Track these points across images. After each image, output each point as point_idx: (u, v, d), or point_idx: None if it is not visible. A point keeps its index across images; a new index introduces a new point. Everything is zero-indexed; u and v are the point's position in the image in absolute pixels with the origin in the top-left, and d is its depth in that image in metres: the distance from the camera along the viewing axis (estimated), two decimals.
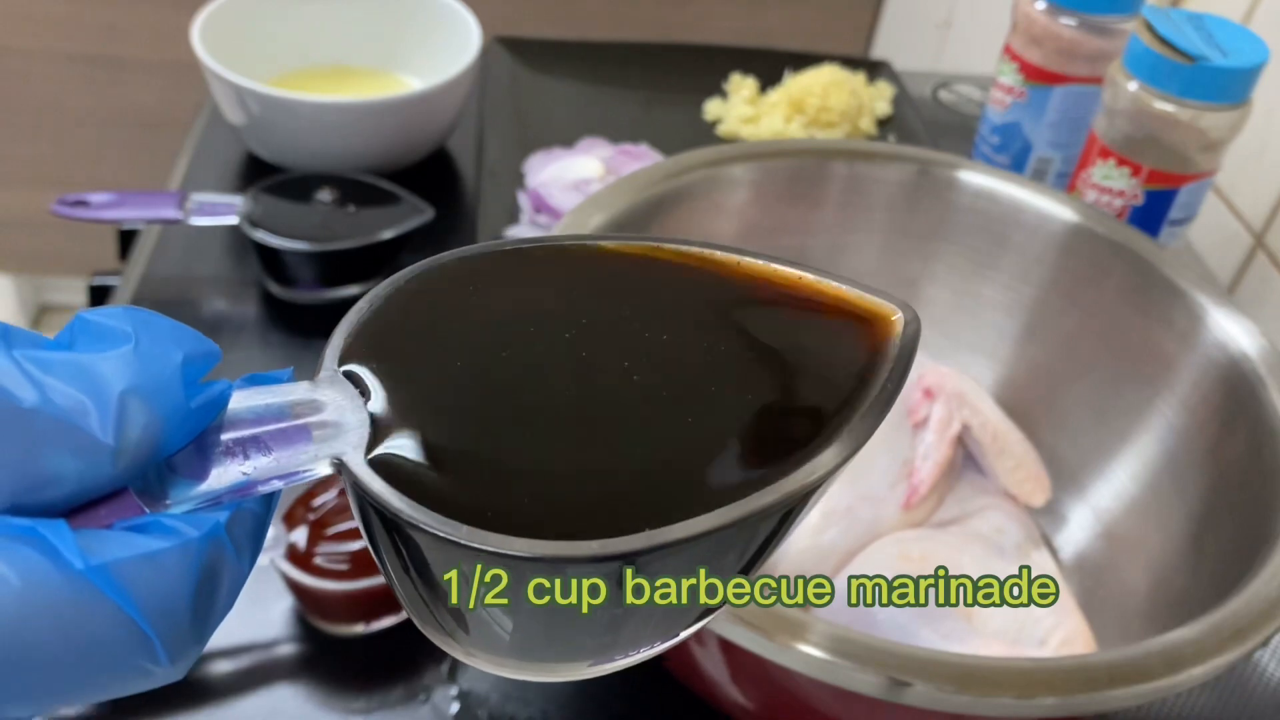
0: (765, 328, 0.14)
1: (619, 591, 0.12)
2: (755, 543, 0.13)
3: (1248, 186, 0.46)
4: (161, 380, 0.11)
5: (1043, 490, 0.33)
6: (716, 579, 0.13)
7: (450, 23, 0.51)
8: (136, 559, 0.10)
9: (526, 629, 0.13)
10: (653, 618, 0.13)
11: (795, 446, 0.13)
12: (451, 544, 0.12)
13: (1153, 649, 0.22)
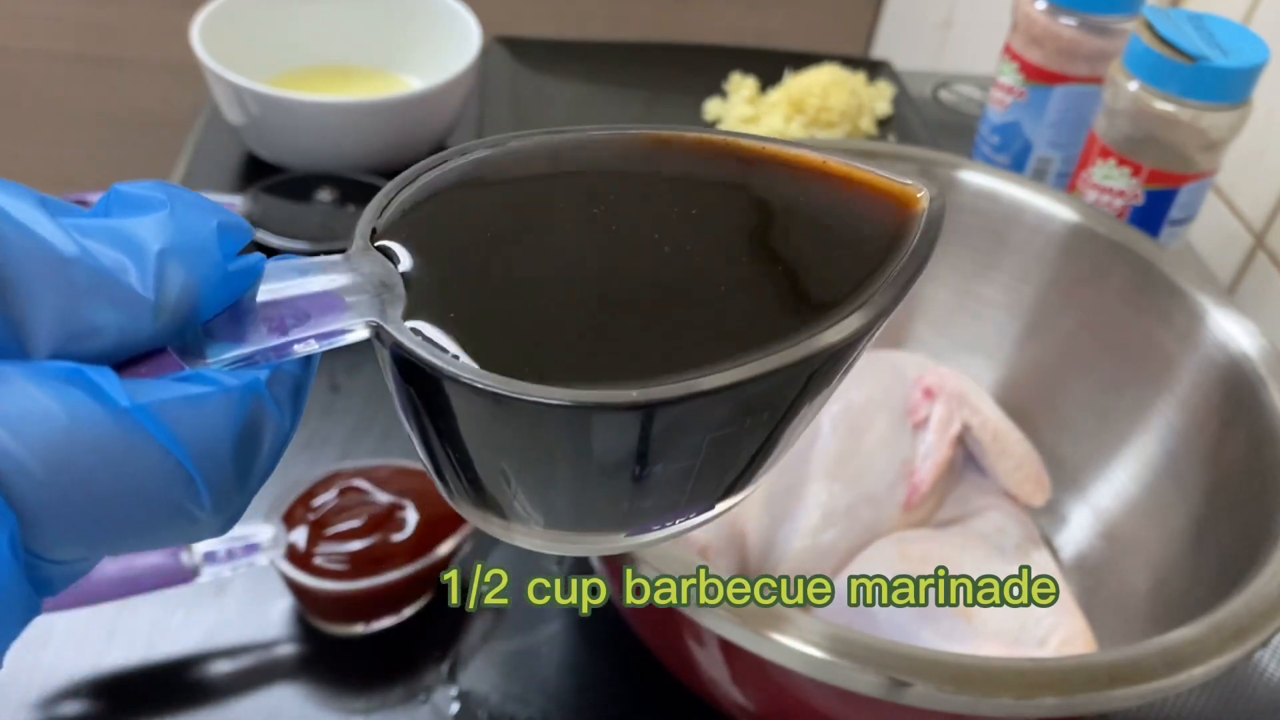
0: (794, 203, 0.15)
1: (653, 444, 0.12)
2: (785, 401, 0.13)
3: (1248, 186, 0.46)
4: (198, 242, 0.11)
5: (1043, 490, 0.33)
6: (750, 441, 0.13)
7: (450, 22, 0.51)
8: (179, 400, 0.10)
9: (564, 490, 0.13)
10: (686, 479, 0.13)
11: (826, 309, 0.13)
12: (491, 396, 0.11)
13: (1153, 649, 0.22)
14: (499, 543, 0.34)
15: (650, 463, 0.12)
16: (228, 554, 0.28)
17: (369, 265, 0.12)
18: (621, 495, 0.13)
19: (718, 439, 0.13)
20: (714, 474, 0.13)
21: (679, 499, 0.13)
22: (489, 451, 0.13)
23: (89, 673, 0.29)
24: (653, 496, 0.13)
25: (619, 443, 0.12)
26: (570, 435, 0.12)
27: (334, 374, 0.39)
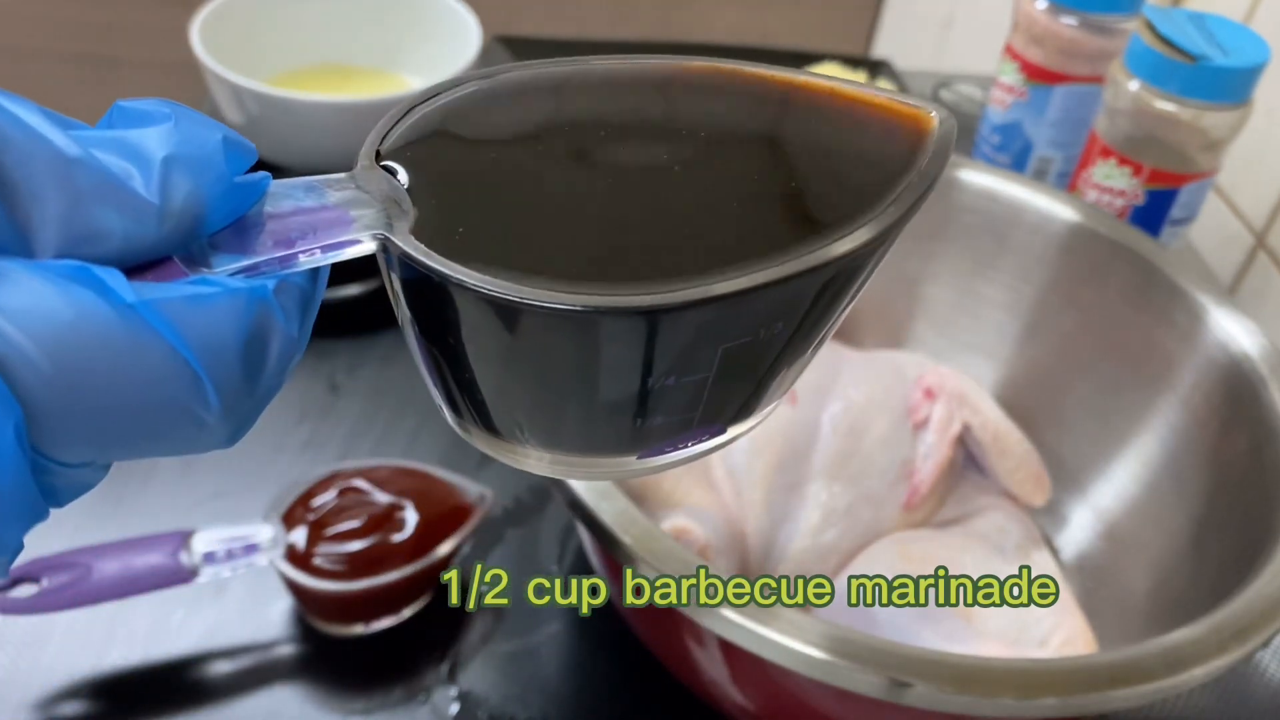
0: (806, 125, 0.14)
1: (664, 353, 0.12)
2: (797, 312, 0.13)
3: (1249, 186, 0.46)
4: (203, 153, 0.11)
5: (1043, 490, 0.33)
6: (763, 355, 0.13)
7: (450, 22, 0.51)
8: (185, 299, 0.10)
9: (574, 406, 0.13)
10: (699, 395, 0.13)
11: (837, 222, 0.13)
12: (499, 302, 0.11)
13: (1154, 649, 0.22)
14: (499, 543, 0.34)
15: (661, 374, 0.12)
16: (227, 554, 0.28)
17: (375, 182, 0.12)
18: (632, 411, 0.13)
19: (730, 350, 0.12)
20: (725, 391, 0.13)
21: (690, 418, 0.13)
22: (497, 366, 0.12)
23: (89, 673, 0.29)
24: (663, 413, 0.13)
25: (629, 351, 0.12)
26: (580, 343, 0.12)
27: (333, 374, 0.39)
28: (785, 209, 0.13)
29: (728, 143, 0.14)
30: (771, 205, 0.13)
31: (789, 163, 0.14)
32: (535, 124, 0.14)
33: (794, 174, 0.14)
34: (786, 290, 0.12)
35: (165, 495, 0.34)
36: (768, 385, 0.14)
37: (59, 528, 0.32)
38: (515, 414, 0.13)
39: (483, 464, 0.36)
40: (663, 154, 0.14)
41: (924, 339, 0.37)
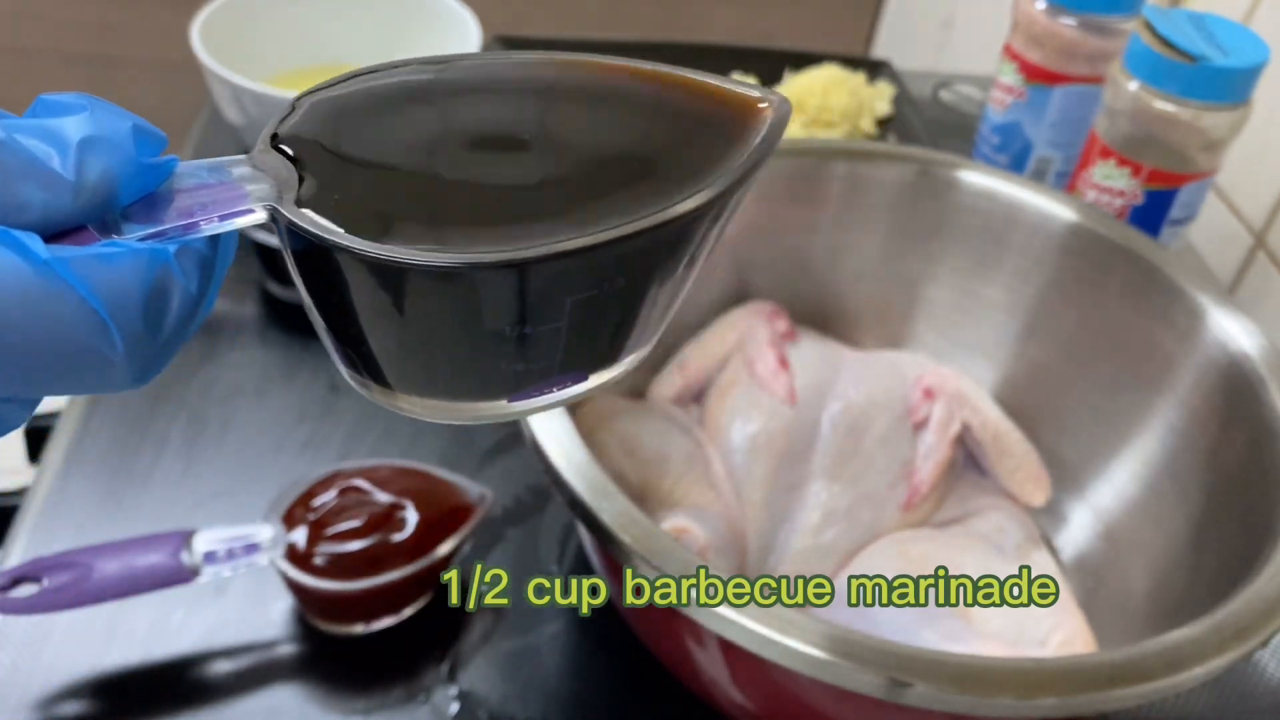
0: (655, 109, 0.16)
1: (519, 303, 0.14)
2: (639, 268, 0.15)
3: (1248, 186, 0.46)
4: (115, 138, 0.13)
5: (1043, 490, 0.33)
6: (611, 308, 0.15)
7: (450, 22, 0.51)
8: (93, 257, 0.12)
9: (442, 353, 0.15)
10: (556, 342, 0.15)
11: (675, 190, 0.14)
12: (368, 260, 0.13)
13: (1153, 649, 0.22)
14: (499, 543, 0.34)
15: (515, 323, 0.14)
16: (228, 554, 0.28)
17: (269, 162, 0.14)
18: (496, 357, 0.14)
19: (580, 302, 0.14)
20: (582, 340, 0.15)
21: (551, 365, 0.15)
22: (371, 320, 0.14)
23: (89, 672, 0.29)
24: (525, 360, 0.15)
25: (487, 301, 0.14)
26: (441, 295, 0.14)
27: (333, 375, 0.39)
28: (632, 180, 0.15)
29: (584, 125, 0.16)
30: (621, 177, 0.15)
31: (636, 141, 0.16)
32: (412, 109, 0.16)
33: (639, 150, 0.16)
34: (627, 246, 0.14)
35: (166, 495, 0.34)
36: (623, 335, 0.15)
37: (60, 527, 0.32)
38: (393, 364, 0.15)
39: (483, 464, 0.36)
40: (525, 134, 0.15)
41: (923, 339, 0.37)
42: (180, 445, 0.35)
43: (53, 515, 0.33)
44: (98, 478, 0.34)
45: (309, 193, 0.14)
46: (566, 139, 0.15)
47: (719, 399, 0.33)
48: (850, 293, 0.37)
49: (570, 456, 0.24)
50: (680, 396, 0.34)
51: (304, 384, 0.38)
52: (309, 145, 0.15)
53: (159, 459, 0.35)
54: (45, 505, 0.33)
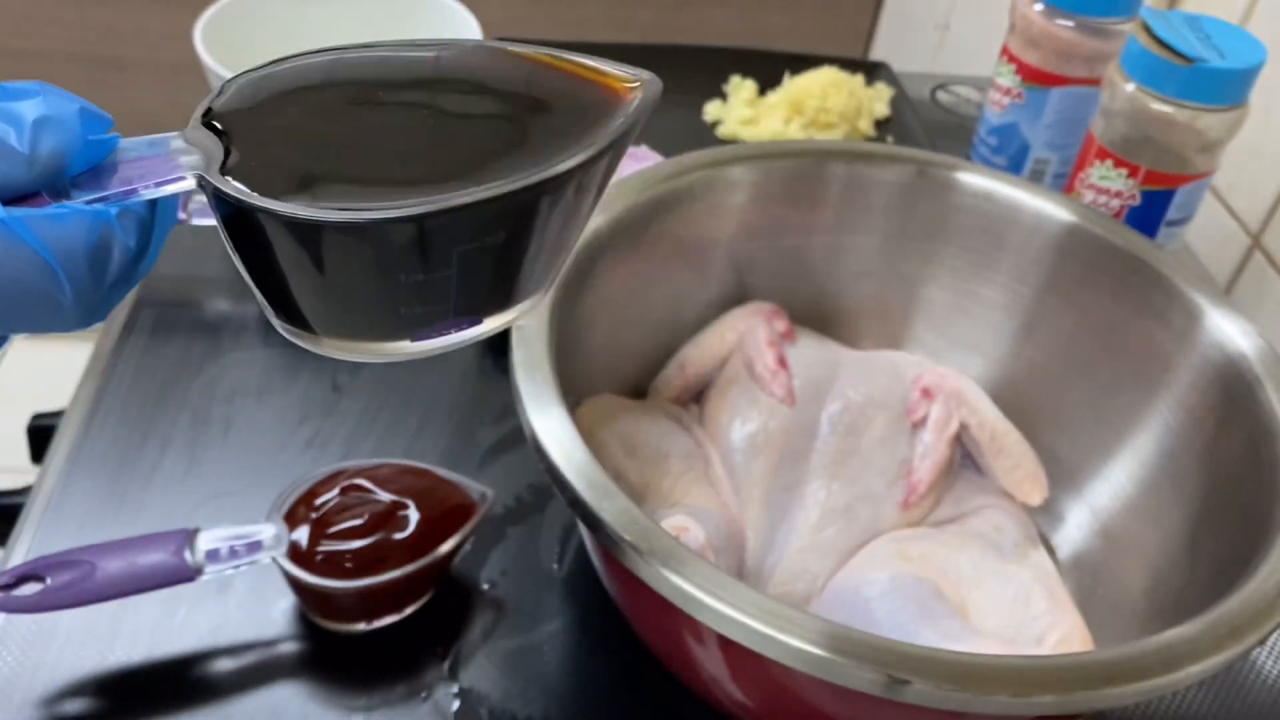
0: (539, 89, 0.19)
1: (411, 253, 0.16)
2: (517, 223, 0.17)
3: (1245, 187, 0.47)
4: (64, 118, 0.15)
5: (1040, 489, 0.33)
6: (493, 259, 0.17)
7: (452, 24, 0.51)
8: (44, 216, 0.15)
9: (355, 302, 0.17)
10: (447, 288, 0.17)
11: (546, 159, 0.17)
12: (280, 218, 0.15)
13: (1150, 647, 0.22)
14: (500, 541, 0.34)
15: (413, 270, 0.16)
16: (230, 552, 0.28)
17: (199, 137, 0.17)
18: (397, 302, 0.17)
19: (465, 253, 0.16)
20: (471, 287, 0.17)
21: (446, 308, 0.17)
22: (289, 271, 0.16)
23: (92, 671, 0.29)
24: (423, 304, 0.17)
25: (384, 252, 0.16)
26: (345, 248, 0.16)
27: (336, 375, 0.39)
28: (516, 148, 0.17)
29: (476, 102, 0.18)
30: (507, 146, 0.17)
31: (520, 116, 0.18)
32: (327, 89, 0.18)
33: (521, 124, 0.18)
34: (504, 203, 0.16)
35: (169, 494, 0.34)
36: (510, 284, 0.18)
37: (63, 526, 0.33)
38: (312, 311, 0.17)
39: (484, 463, 0.36)
40: (421, 111, 0.18)
41: (922, 339, 0.37)
42: (183, 444, 0.36)
43: (56, 514, 0.33)
44: (101, 476, 0.34)
45: (234, 163, 0.16)
46: (460, 114, 0.18)
47: (718, 398, 0.34)
48: (849, 293, 0.37)
49: (571, 456, 0.24)
50: (680, 396, 0.35)
51: (306, 384, 0.39)
52: (235, 121, 0.17)
53: (162, 458, 0.35)
54: (48, 504, 0.33)
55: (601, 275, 0.31)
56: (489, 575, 0.33)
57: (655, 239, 0.33)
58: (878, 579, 0.29)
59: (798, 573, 0.30)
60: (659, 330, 0.35)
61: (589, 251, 0.30)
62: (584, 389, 0.32)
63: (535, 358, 0.26)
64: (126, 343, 0.39)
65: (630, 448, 0.31)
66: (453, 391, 0.39)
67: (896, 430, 0.33)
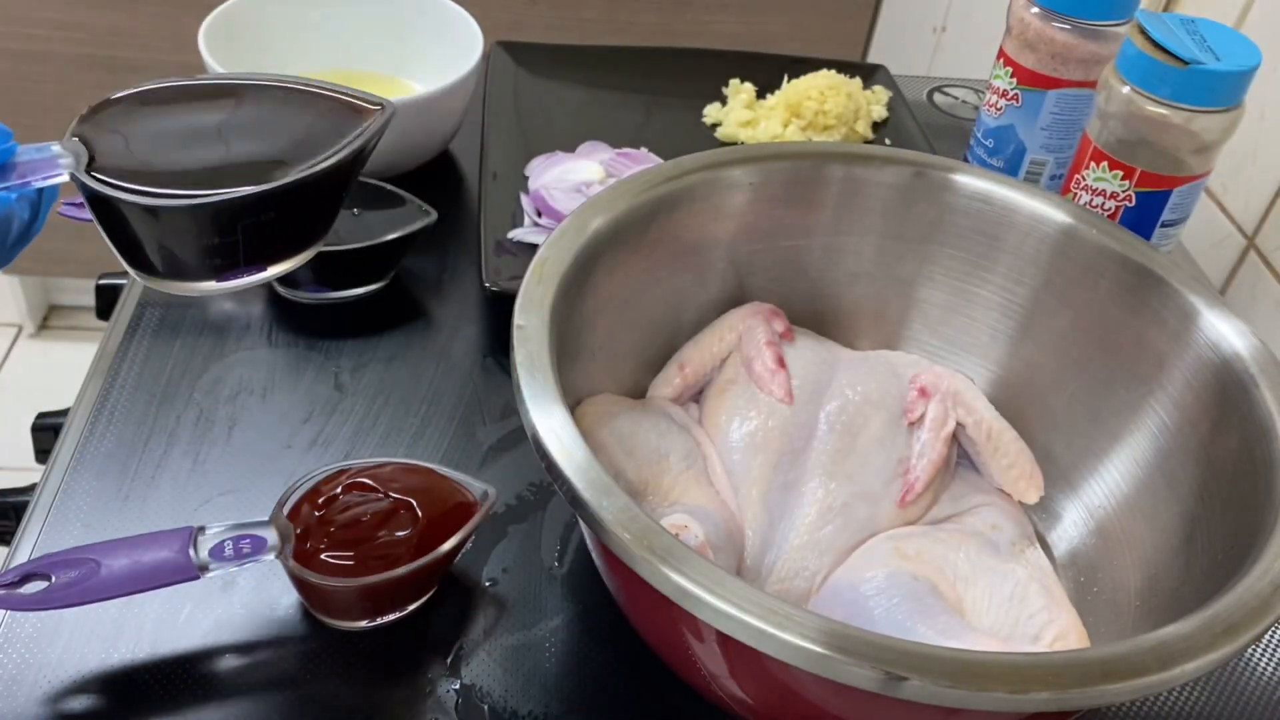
0: (304, 111, 0.28)
1: (212, 225, 0.26)
2: (281, 208, 0.27)
3: (1240, 188, 0.47)
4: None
5: (1036, 488, 0.34)
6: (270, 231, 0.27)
7: (454, 28, 0.52)
8: None
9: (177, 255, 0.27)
10: (236, 248, 0.27)
11: (306, 162, 0.27)
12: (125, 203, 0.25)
13: (1145, 645, 0.22)
14: (501, 539, 0.34)
15: (211, 235, 0.26)
16: (234, 551, 0.28)
17: (72, 144, 0.25)
18: (204, 255, 0.26)
19: (246, 226, 0.26)
20: (255, 246, 0.27)
21: (238, 259, 0.27)
22: (134, 234, 0.26)
23: (97, 668, 0.29)
24: (222, 257, 0.27)
25: (189, 224, 0.26)
26: (164, 221, 0.26)
27: (339, 374, 0.39)
28: (286, 156, 0.26)
29: (259, 120, 0.28)
30: (280, 154, 0.27)
31: (294, 132, 0.27)
32: (157, 111, 0.27)
33: (295, 138, 0.27)
34: (257, 199, 0.26)
35: (173, 492, 0.34)
36: (283, 246, 0.28)
37: (68, 525, 0.33)
38: (151, 260, 0.27)
39: (486, 462, 0.37)
40: (224, 128, 0.28)
41: (919, 339, 0.38)
42: (188, 443, 0.36)
43: (61, 512, 0.33)
44: (106, 475, 0.34)
45: (97, 163, 0.25)
46: (249, 130, 0.28)
47: (717, 398, 0.34)
48: (846, 293, 0.37)
49: (571, 454, 0.24)
50: (679, 395, 0.35)
51: (310, 383, 0.39)
52: (95, 132, 0.26)
53: (166, 457, 0.35)
54: (54, 502, 0.33)
55: (601, 276, 0.31)
56: (490, 573, 0.33)
57: (655, 240, 0.33)
58: (875, 576, 0.29)
59: (796, 570, 0.31)
60: (659, 330, 0.35)
61: (589, 252, 0.30)
62: (584, 389, 0.32)
63: (536, 357, 0.26)
64: (131, 342, 0.39)
65: (630, 447, 0.31)
66: (454, 391, 0.39)
67: (894, 429, 0.33)
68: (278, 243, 0.27)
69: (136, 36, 0.90)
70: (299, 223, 0.27)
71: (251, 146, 0.27)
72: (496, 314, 0.43)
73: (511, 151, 0.49)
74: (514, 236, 0.44)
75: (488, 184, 0.47)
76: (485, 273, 0.41)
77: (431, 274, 0.44)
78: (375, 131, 0.27)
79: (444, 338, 0.41)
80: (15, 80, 0.92)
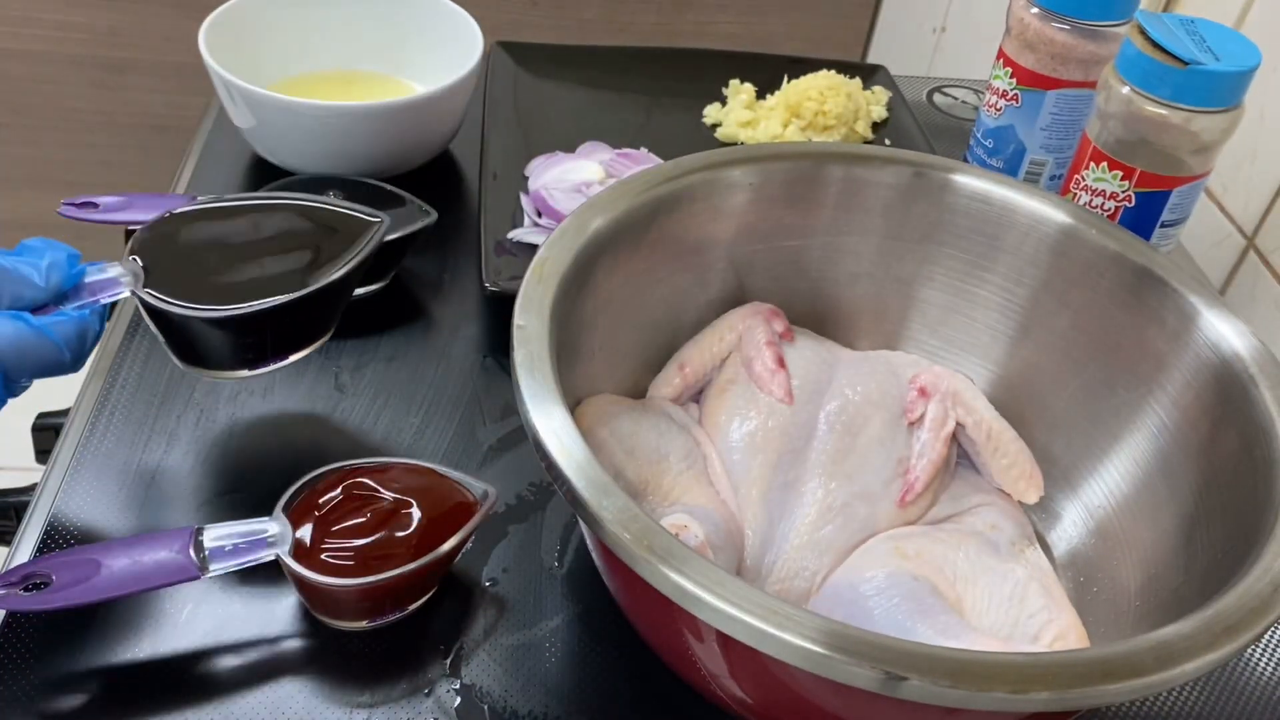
0: (316, 229, 0.34)
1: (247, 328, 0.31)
2: (306, 309, 0.32)
3: (1240, 188, 0.47)
4: (60, 261, 0.30)
5: (1036, 488, 0.34)
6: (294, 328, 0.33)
7: (454, 28, 0.52)
8: (55, 320, 0.29)
9: (217, 351, 0.32)
10: (264, 344, 0.32)
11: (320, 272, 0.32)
12: (176, 314, 0.31)
13: (1145, 645, 0.22)
14: (501, 539, 0.34)
15: (245, 336, 0.32)
16: (235, 550, 0.28)
17: (130, 264, 0.31)
18: (238, 350, 0.32)
19: (274, 326, 0.32)
20: (280, 342, 0.33)
21: (265, 352, 0.33)
22: (184, 335, 0.32)
23: (97, 668, 0.29)
24: (253, 352, 0.32)
25: (226, 329, 0.31)
26: (209, 327, 0.31)
27: (339, 374, 0.39)
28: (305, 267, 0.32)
29: (284, 237, 0.34)
30: (300, 266, 0.32)
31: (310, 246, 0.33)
32: (200, 226, 0.33)
33: (312, 251, 0.33)
34: (296, 302, 0.31)
35: (174, 492, 0.34)
36: (304, 338, 0.34)
37: (69, 525, 0.33)
38: (196, 355, 0.32)
39: (486, 462, 0.37)
40: (251, 248, 0.33)
41: (918, 339, 0.38)
42: (188, 443, 0.36)
43: (61, 512, 0.33)
44: (106, 475, 0.34)
45: (151, 280, 0.31)
46: (271, 249, 0.33)
47: (717, 398, 0.34)
48: (846, 294, 0.37)
49: (571, 454, 0.24)
50: (679, 395, 0.35)
51: (310, 383, 0.39)
52: (149, 252, 0.31)
53: (167, 456, 0.35)
54: (54, 502, 0.34)
55: (601, 276, 0.31)
56: (490, 573, 0.33)
57: (655, 240, 0.33)
58: (875, 576, 0.29)
59: (796, 570, 0.31)
60: (659, 330, 0.35)
61: (589, 252, 0.30)
62: (584, 388, 0.32)
63: (536, 357, 0.27)
64: (132, 342, 0.39)
65: (630, 447, 0.31)
66: (455, 391, 0.39)
67: (893, 429, 0.33)
68: (298, 337, 0.33)
69: (136, 36, 0.90)
70: (316, 320, 0.33)
71: (275, 260, 0.32)
72: (496, 314, 0.43)
73: (511, 152, 0.49)
74: (514, 236, 0.44)
75: (488, 184, 0.47)
76: (485, 273, 0.41)
77: (431, 274, 0.45)
78: (375, 239, 0.33)
79: (444, 338, 0.41)
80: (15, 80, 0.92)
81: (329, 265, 0.32)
